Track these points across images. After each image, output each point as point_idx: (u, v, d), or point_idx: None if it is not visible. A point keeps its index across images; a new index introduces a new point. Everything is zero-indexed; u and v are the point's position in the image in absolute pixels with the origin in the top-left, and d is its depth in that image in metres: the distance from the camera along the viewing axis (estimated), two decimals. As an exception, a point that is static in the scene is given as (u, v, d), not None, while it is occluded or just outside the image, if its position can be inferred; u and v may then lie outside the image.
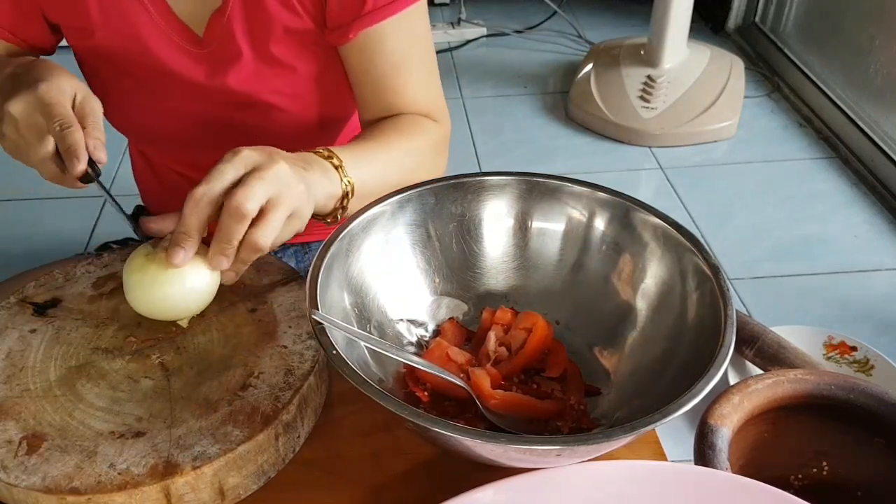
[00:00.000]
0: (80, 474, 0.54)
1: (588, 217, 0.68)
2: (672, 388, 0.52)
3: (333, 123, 0.94)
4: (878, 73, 2.17)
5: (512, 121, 2.43)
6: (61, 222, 1.99)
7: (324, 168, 0.69)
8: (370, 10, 0.78)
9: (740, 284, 1.79)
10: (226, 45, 0.81)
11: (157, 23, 0.81)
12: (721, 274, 0.58)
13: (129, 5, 0.80)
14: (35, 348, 0.64)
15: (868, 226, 1.97)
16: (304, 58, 0.84)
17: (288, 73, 0.84)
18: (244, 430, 0.56)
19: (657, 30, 2.33)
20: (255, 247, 0.61)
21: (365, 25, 0.79)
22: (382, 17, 0.79)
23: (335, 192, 0.70)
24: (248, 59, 0.82)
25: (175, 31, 0.81)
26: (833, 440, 0.65)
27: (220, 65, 0.83)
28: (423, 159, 0.83)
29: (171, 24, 0.81)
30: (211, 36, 0.81)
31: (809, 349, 1.43)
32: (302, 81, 0.86)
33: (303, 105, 0.88)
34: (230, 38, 0.81)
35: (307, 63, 0.85)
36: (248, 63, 0.83)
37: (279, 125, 0.88)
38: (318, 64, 0.86)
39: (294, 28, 0.81)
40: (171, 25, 0.81)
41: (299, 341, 0.64)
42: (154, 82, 0.85)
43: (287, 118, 0.87)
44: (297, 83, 0.86)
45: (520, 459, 0.52)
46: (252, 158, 0.62)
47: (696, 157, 2.23)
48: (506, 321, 0.67)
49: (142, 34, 0.81)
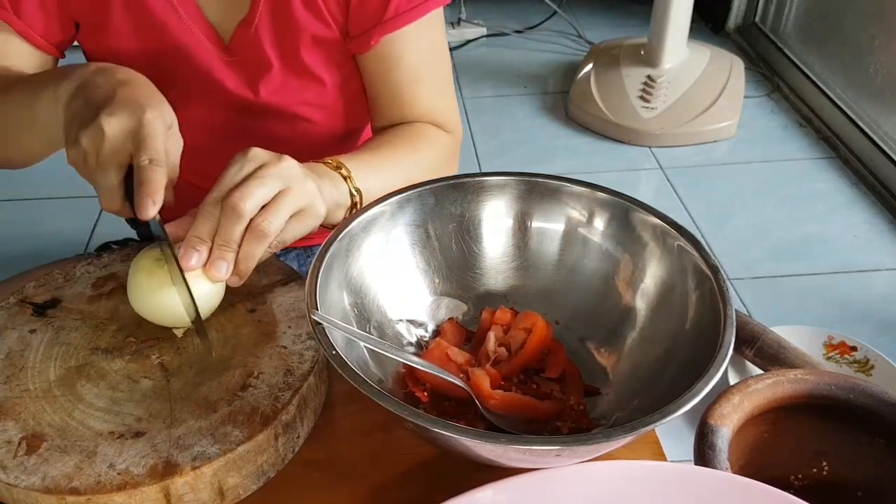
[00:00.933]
0: (79, 474, 0.54)
1: (588, 217, 0.68)
2: (672, 388, 0.52)
3: (353, 134, 0.94)
4: (878, 73, 2.17)
5: (512, 121, 2.43)
6: (61, 222, 2.00)
7: (332, 178, 0.70)
8: (392, 15, 0.78)
9: (740, 284, 1.79)
10: (254, 55, 0.81)
11: (187, 25, 0.79)
12: (721, 274, 0.58)
13: (158, 6, 0.78)
14: (35, 348, 0.64)
15: (868, 226, 1.97)
16: (330, 69, 0.84)
17: (316, 85, 0.84)
18: (244, 431, 0.56)
19: (657, 30, 2.33)
20: (258, 233, 0.59)
21: (387, 31, 0.79)
22: (404, 22, 0.79)
23: (344, 202, 0.70)
24: (277, 70, 0.82)
25: (205, 34, 0.80)
26: (833, 440, 0.65)
27: (250, 73, 0.82)
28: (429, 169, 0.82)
29: (202, 28, 0.80)
30: (238, 44, 0.80)
31: (809, 349, 1.43)
32: (329, 93, 0.86)
33: (328, 116, 0.88)
34: (258, 47, 0.80)
35: (333, 74, 0.85)
36: (278, 74, 0.82)
37: (302, 136, 0.88)
38: (343, 75, 0.86)
39: (322, 37, 0.81)
40: (202, 29, 0.80)
41: (299, 341, 0.64)
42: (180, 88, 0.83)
43: (312, 129, 0.87)
44: (325, 94, 0.86)
45: (519, 460, 0.52)
46: (259, 157, 0.62)
47: (696, 157, 2.23)
48: (505, 321, 0.67)
49: (170, 36, 0.80)
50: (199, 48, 0.81)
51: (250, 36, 0.79)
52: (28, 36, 0.80)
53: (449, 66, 0.88)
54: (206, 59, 0.81)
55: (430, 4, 0.79)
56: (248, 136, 0.87)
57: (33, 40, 0.81)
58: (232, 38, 0.80)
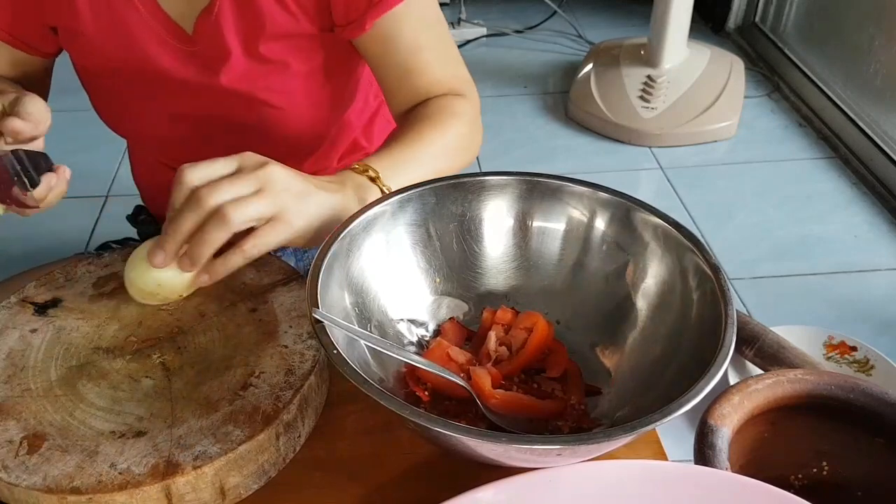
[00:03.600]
0: (80, 474, 0.54)
1: (588, 217, 0.68)
2: (672, 388, 0.52)
3: (330, 122, 0.94)
4: (878, 73, 2.17)
5: (512, 121, 2.43)
6: (61, 222, 1.99)
7: (358, 184, 0.70)
8: None
9: (740, 284, 1.79)
10: (215, 44, 0.81)
11: (147, 20, 0.80)
12: (721, 274, 0.58)
13: (119, 3, 0.80)
14: (36, 348, 0.64)
15: (868, 226, 1.97)
16: (296, 56, 0.84)
17: (279, 71, 0.84)
18: (245, 430, 0.57)
19: (657, 30, 2.33)
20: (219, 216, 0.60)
21: (378, 14, 0.80)
22: (394, 3, 0.80)
23: None
24: (237, 57, 0.82)
25: (165, 28, 0.81)
26: (833, 440, 0.65)
27: (210, 63, 0.83)
28: (459, 143, 0.82)
29: (161, 22, 0.81)
30: (200, 34, 0.81)
31: (809, 349, 1.43)
32: (294, 79, 0.86)
33: (296, 103, 0.88)
34: (219, 36, 0.81)
35: (300, 61, 0.85)
36: (239, 61, 0.83)
37: (273, 123, 0.88)
38: (312, 63, 0.86)
39: (288, 29, 0.81)
40: (160, 23, 0.81)
41: (300, 341, 0.64)
42: (146, 82, 0.85)
43: (279, 115, 0.87)
44: (289, 81, 0.86)
45: (520, 459, 0.52)
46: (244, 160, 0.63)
47: (696, 157, 2.23)
48: (506, 321, 0.67)
49: (132, 32, 0.81)
50: (157, 41, 0.82)
51: (210, 24, 0.80)
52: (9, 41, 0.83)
53: (448, 34, 0.88)
54: (166, 51, 0.82)
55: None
56: (215, 124, 0.88)
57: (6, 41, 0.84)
58: (194, 28, 0.81)
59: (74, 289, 0.71)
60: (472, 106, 0.87)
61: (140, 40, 0.82)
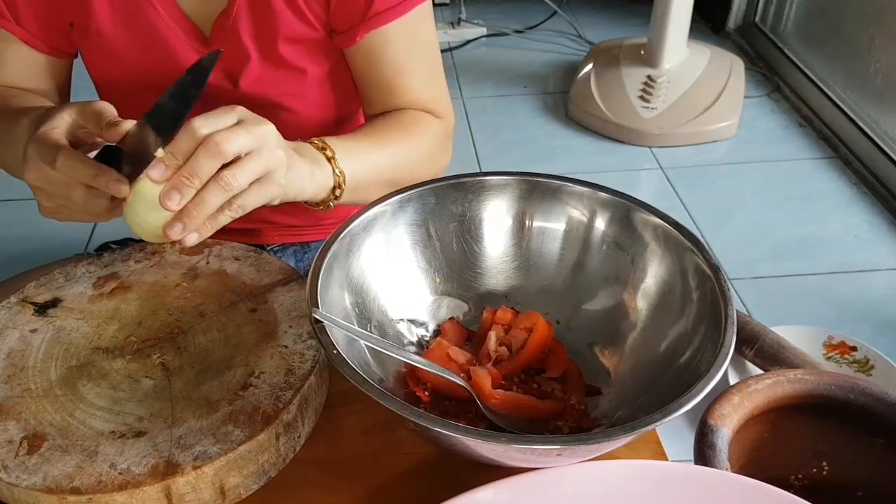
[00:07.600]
0: (80, 474, 0.54)
1: (589, 217, 0.68)
2: (672, 388, 0.52)
3: (342, 122, 0.95)
4: (878, 73, 2.17)
5: (512, 121, 2.43)
6: (61, 222, 1.99)
7: (315, 158, 0.70)
8: (375, 12, 0.79)
9: (740, 284, 1.79)
10: (232, 46, 0.81)
11: (165, 20, 0.80)
12: (721, 274, 0.58)
13: (138, 2, 0.79)
14: (36, 348, 0.64)
15: (868, 226, 1.97)
16: (312, 60, 0.84)
17: (296, 76, 0.85)
18: (245, 430, 0.57)
19: (657, 30, 2.33)
20: (222, 182, 0.59)
21: (370, 28, 0.80)
22: (388, 19, 0.80)
23: (326, 183, 0.71)
24: (255, 62, 0.83)
25: (183, 29, 0.81)
26: (833, 440, 0.65)
27: (228, 65, 0.83)
28: (421, 155, 0.83)
29: (180, 22, 0.81)
30: (217, 36, 0.81)
31: (809, 349, 1.43)
32: (310, 83, 0.86)
33: (310, 106, 0.88)
34: (236, 39, 0.81)
35: (315, 65, 0.85)
36: (256, 65, 0.83)
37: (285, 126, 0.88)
38: (326, 67, 0.86)
39: (302, 35, 0.82)
40: (179, 23, 0.81)
41: (300, 341, 0.64)
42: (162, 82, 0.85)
43: (294, 119, 0.88)
44: (305, 85, 0.86)
45: (520, 459, 0.52)
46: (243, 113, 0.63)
47: (696, 157, 2.23)
48: (506, 321, 0.67)
49: (150, 32, 0.81)
50: (176, 42, 0.82)
51: (228, 27, 0.80)
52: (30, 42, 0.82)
53: (438, 56, 0.89)
54: (184, 52, 0.82)
55: (408, 4, 0.81)
56: None
57: (36, 46, 0.83)
58: (212, 30, 0.81)
59: (74, 289, 0.71)
60: (444, 128, 0.88)
61: (157, 40, 0.81)
